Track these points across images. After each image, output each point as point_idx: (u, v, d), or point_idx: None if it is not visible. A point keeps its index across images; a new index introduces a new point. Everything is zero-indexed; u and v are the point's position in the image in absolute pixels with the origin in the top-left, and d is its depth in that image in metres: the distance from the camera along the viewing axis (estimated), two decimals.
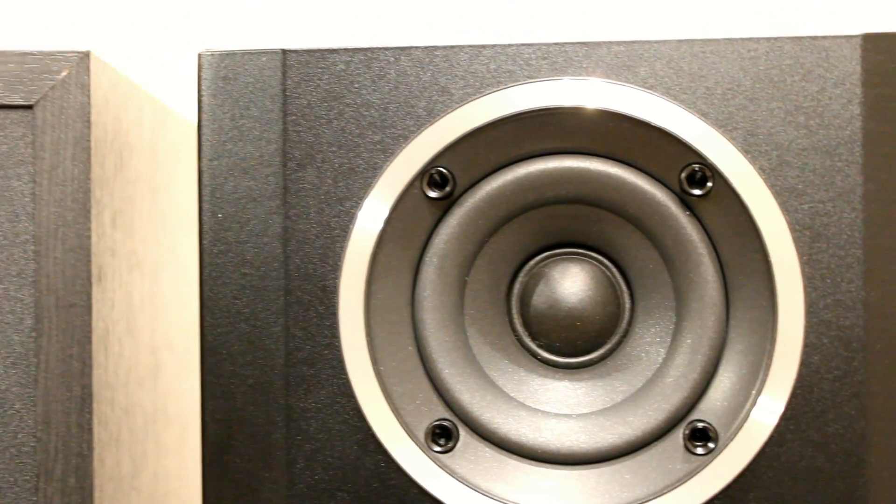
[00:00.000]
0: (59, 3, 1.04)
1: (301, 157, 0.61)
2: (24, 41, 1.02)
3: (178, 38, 1.04)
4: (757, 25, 1.00)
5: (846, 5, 1.01)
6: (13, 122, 0.63)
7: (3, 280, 0.63)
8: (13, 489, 0.63)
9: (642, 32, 1.00)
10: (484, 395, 0.62)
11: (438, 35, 1.00)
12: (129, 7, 1.04)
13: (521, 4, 1.01)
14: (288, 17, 1.03)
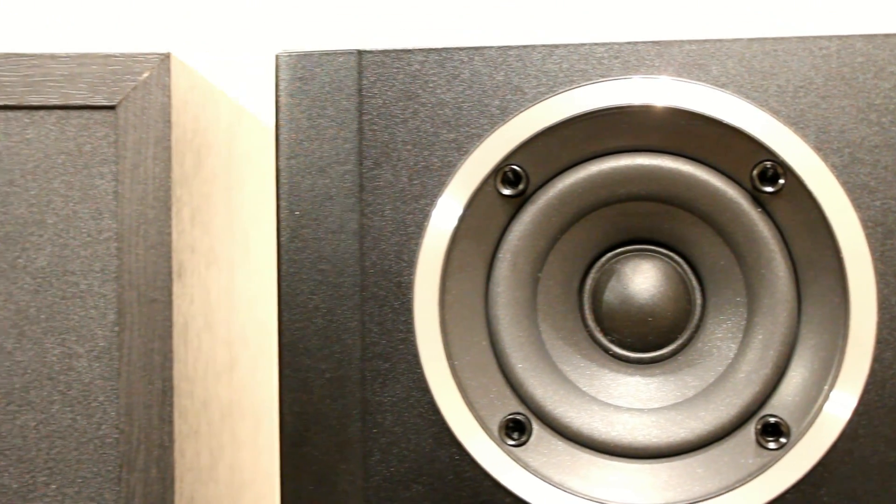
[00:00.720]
0: (139, 6, 1.06)
1: (377, 155, 0.63)
2: (107, 43, 1.04)
3: (251, 39, 1.06)
4: (829, 23, 1.00)
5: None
6: (96, 122, 0.64)
7: (87, 276, 0.64)
8: (97, 479, 0.65)
9: (714, 31, 1.01)
10: (557, 390, 0.63)
11: (512, 35, 1.01)
12: (204, 9, 1.06)
13: (593, 4, 1.02)
14: (361, 17, 1.05)
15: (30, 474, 0.64)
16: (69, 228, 0.64)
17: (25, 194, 0.64)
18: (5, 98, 0.64)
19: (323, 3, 1.05)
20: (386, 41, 1.03)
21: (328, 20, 1.05)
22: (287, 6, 1.06)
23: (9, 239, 0.64)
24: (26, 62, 0.64)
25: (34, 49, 0.65)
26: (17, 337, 0.64)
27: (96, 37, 1.05)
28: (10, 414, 0.64)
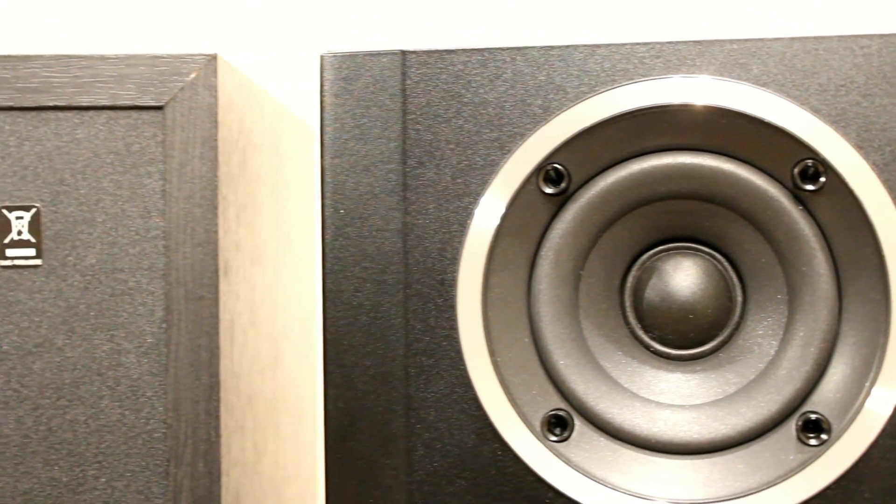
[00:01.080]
0: (184, 7, 1.07)
1: (420, 154, 0.63)
2: (153, 44, 1.06)
3: (293, 39, 1.07)
4: (871, 22, 1.00)
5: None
6: (145, 122, 0.66)
7: (136, 273, 0.65)
8: (145, 473, 0.66)
9: (755, 31, 1.01)
10: (598, 386, 0.63)
11: (554, 35, 1.01)
12: (246, 10, 1.07)
13: (634, 5, 1.02)
14: (404, 18, 1.06)
15: (80, 468, 0.66)
16: (118, 227, 0.65)
17: (75, 193, 0.65)
18: (56, 99, 0.65)
19: (363, 4, 1.06)
20: (426, 41, 1.04)
21: (368, 20, 1.06)
22: (326, 7, 1.07)
23: (59, 237, 0.65)
24: (76, 63, 0.65)
25: (84, 51, 0.66)
26: (67, 333, 0.65)
27: (142, 38, 1.07)
28: (61, 409, 0.65)
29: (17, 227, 0.65)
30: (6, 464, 0.65)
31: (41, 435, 0.65)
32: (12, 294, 0.65)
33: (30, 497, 0.65)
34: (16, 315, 0.65)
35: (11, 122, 0.66)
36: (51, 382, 0.65)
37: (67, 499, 0.65)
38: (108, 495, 0.66)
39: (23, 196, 0.65)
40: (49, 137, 0.66)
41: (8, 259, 0.65)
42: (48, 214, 0.65)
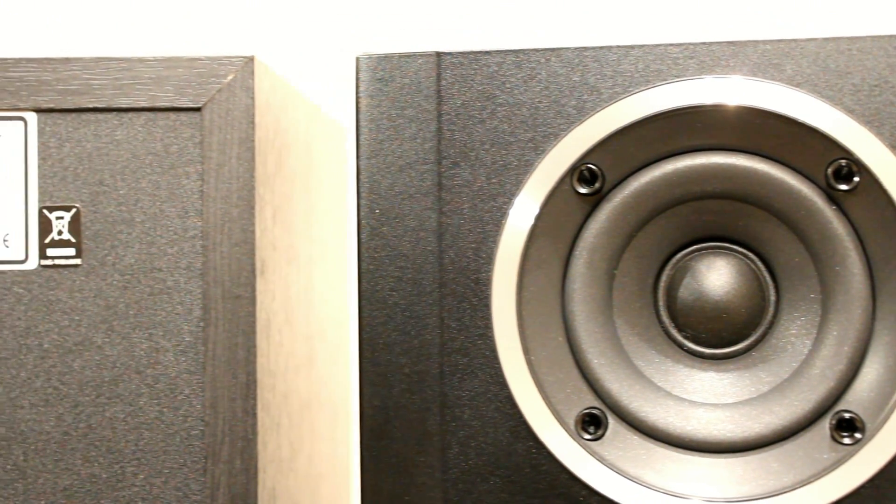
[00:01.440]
0: (217, 9, 1.08)
1: (455, 155, 0.64)
2: (191, 47, 1.07)
3: (325, 41, 1.07)
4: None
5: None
6: (183, 123, 0.66)
7: (174, 273, 0.66)
8: (182, 470, 0.66)
9: (788, 31, 1.01)
10: (632, 385, 0.64)
11: (587, 36, 1.02)
12: (277, 11, 1.08)
13: (668, 6, 1.02)
14: (436, 20, 1.06)
15: (118, 465, 0.66)
16: (156, 227, 0.66)
17: (114, 193, 0.66)
18: (95, 100, 0.66)
19: (391, 5, 1.07)
20: (461, 43, 1.04)
21: (400, 22, 1.06)
22: (356, 8, 1.07)
23: (98, 237, 0.66)
24: (116, 66, 0.66)
25: (123, 53, 0.67)
26: (106, 332, 0.66)
27: (180, 40, 1.08)
28: (100, 406, 0.66)
29: (57, 227, 0.66)
30: (46, 460, 0.66)
31: (81, 432, 0.66)
32: (52, 293, 0.66)
33: (70, 493, 0.66)
34: (56, 314, 0.66)
35: (52, 124, 0.66)
36: (90, 380, 0.66)
37: (106, 495, 0.66)
38: (147, 492, 0.66)
39: (63, 196, 0.66)
40: (89, 139, 0.66)
41: (48, 258, 0.66)
42: (88, 215, 0.66)
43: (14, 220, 0.67)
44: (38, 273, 0.66)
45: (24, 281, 0.66)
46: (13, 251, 0.67)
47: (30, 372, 0.66)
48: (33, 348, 0.66)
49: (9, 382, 0.66)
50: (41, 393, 0.66)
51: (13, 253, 0.67)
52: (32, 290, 0.66)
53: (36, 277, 0.66)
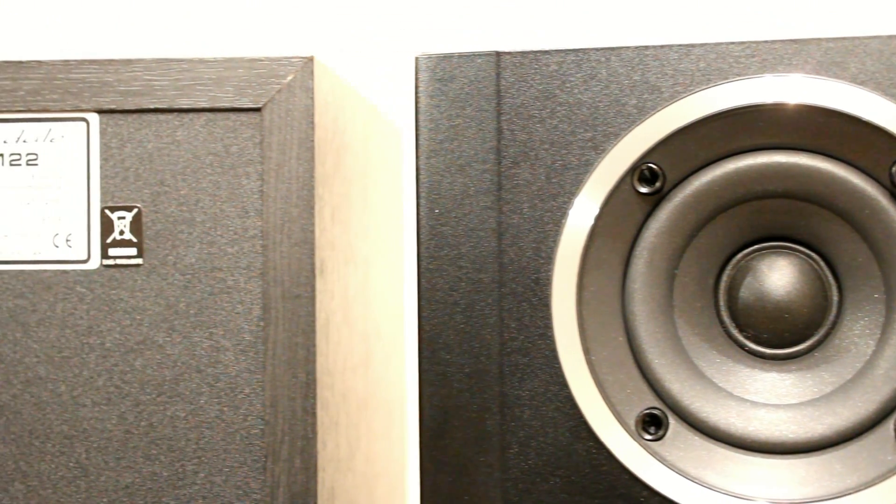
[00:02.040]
0: (275, 10, 1.09)
1: (515, 154, 0.64)
2: (250, 47, 1.07)
3: (380, 40, 1.08)
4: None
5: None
6: (243, 124, 0.67)
7: (234, 272, 0.67)
8: (242, 469, 0.67)
9: (852, 28, 1.00)
10: (693, 385, 0.64)
11: (647, 35, 1.01)
12: (333, 11, 1.08)
13: (729, 3, 1.02)
14: (491, 20, 1.06)
15: (179, 463, 0.67)
16: (217, 227, 0.67)
17: (175, 194, 0.67)
18: (156, 101, 0.67)
19: (445, 5, 1.07)
20: (517, 42, 1.04)
21: (453, 21, 1.07)
22: (408, 9, 1.07)
23: (159, 237, 0.67)
24: (176, 67, 0.67)
25: (184, 54, 0.67)
26: (167, 331, 0.67)
27: (239, 41, 1.08)
28: (161, 405, 0.67)
29: (119, 227, 0.67)
30: (108, 458, 0.67)
31: (142, 430, 0.67)
32: (114, 292, 0.67)
33: (131, 491, 0.67)
34: (118, 313, 0.67)
35: (114, 125, 0.67)
36: (151, 379, 0.67)
37: (168, 493, 0.67)
38: (207, 490, 0.67)
39: (125, 197, 0.67)
40: (150, 139, 0.67)
41: (110, 258, 0.67)
42: (149, 214, 0.67)
43: (76, 221, 0.67)
44: (100, 273, 0.67)
45: (87, 280, 0.67)
46: (75, 251, 0.67)
47: (92, 371, 0.67)
48: (95, 347, 0.67)
49: (71, 381, 0.67)
50: (103, 391, 0.67)
51: (75, 253, 0.67)
52: (94, 290, 0.67)
53: (98, 277, 0.67)
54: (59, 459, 0.67)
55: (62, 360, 0.67)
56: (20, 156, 0.68)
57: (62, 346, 0.67)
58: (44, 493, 0.67)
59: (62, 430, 0.67)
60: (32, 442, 0.67)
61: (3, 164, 0.68)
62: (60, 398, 0.67)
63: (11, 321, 0.67)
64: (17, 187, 0.68)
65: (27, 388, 0.67)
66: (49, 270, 0.67)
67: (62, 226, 0.67)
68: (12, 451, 0.67)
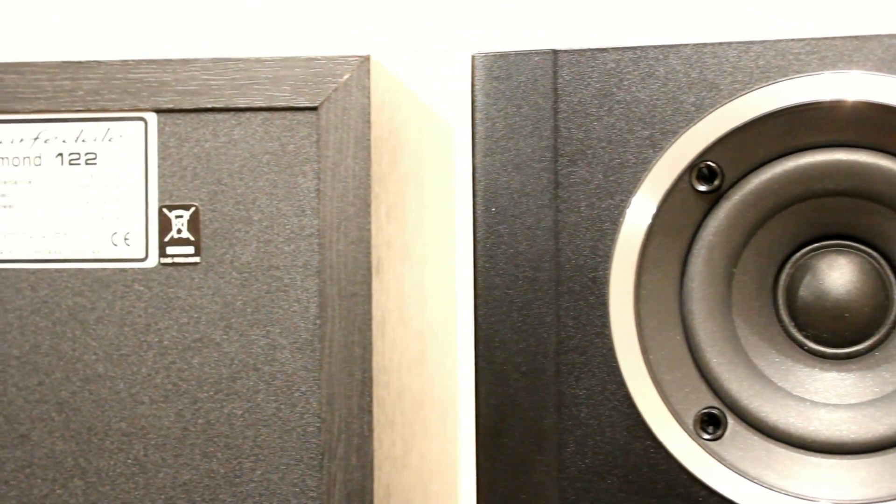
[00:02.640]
0: (330, 9, 1.09)
1: (572, 153, 0.64)
2: (305, 46, 1.08)
3: (433, 40, 1.08)
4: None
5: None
6: (299, 122, 0.67)
7: (291, 271, 0.67)
8: (299, 466, 0.67)
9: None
10: (752, 385, 0.63)
11: (705, 32, 1.01)
12: (385, 9, 1.09)
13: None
14: (541, 19, 1.06)
15: (237, 460, 0.67)
16: (273, 225, 0.67)
17: (232, 192, 0.67)
18: (214, 101, 0.67)
19: (498, 4, 1.07)
20: (568, 40, 1.04)
21: (504, 20, 1.06)
22: (460, 8, 1.07)
23: (217, 235, 0.67)
24: (234, 66, 0.67)
25: (241, 54, 0.68)
26: (224, 329, 0.67)
27: (294, 40, 1.09)
28: (219, 402, 0.67)
29: (176, 226, 0.67)
30: (166, 455, 0.67)
31: (200, 428, 0.67)
32: (172, 291, 0.67)
33: (189, 488, 0.67)
34: (175, 311, 0.67)
35: (171, 124, 0.68)
36: (209, 377, 0.67)
37: (225, 490, 0.67)
38: (264, 487, 0.67)
39: (182, 195, 0.67)
40: (207, 138, 0.67)
41: (168, 256, 0.67)
42: (206, 213, 0.67)
43: (134, 220, 0.68)
44: (158, 271, 0.68)
45: (145, 279, 0.68)
46: (134, 249, 0.68)
47: (150, 368, 0.68)
48: (153, 345, 0.68)
49: (129, 378, 0.68)
50: (161, 389, 0.67)
51: (134, 251, 0.68)
52: (152, 288, 0.68)
53: (156, 275, 0.68)
54: (118, 456, 0.68)
55: (120, 358, 0.68)
56: (79, 155, 0.68)
57: (120, 343, 0.68)
58: (102, 489, 0.68)
59: (120, 427, 0.68)
60: (91, 439, 0.68)
61: (63, 163, 0.68)
62: (119, 395, 0.68)
63: (71, 319, 0.68)
64: (77, 186, 0.68)
65: (86, 386, 0.68)
66: (108, 269, 0.68)
67: (121, 225, 0.68)
68: (72, 447, 0.68)
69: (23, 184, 0.68)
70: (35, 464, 0.68)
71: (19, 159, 0.68)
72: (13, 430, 0.68)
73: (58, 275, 0.68)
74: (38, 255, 0.68)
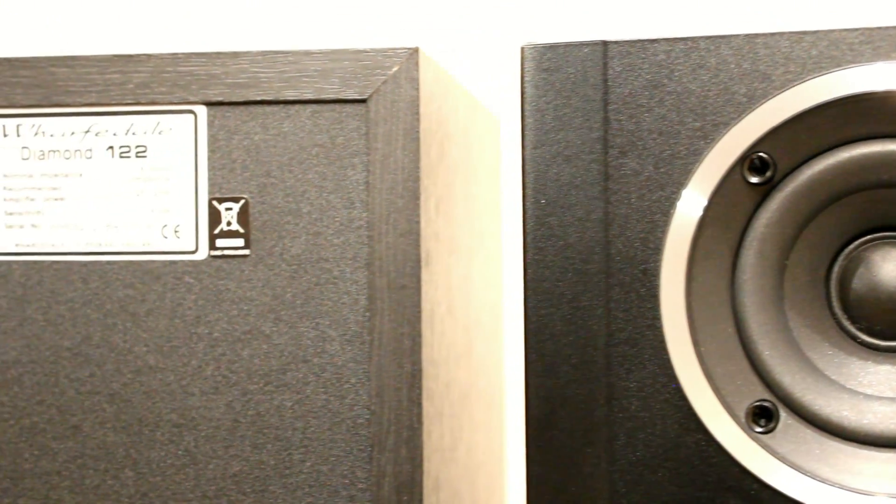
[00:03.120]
0: (381, 1, 1.09)
1: (622, 144, 0.63)
2: (353, 39, 1.08)
3: (478, 32, 1.07)
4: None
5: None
6: (348, 115, 0.67)
7: (340, 263, 0.67)
8: (349, 458, 0.67)
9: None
10: (804, 377, 0.63)
11: (757, 22, 1.00)
12: (428, 1, 1.09)
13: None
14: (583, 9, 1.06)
15: (286, 452, 0.67)
16: (322, 217, 0.67)
17: (282, 185, 0.67)
18: (263, 93, 0.67)
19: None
20: (603, 31, 1.03)
21: (540, 11, 1.06)
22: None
23: (266, 228, 0.67)
24: (282, 59, 0.67)
25: (290, 46, 0.68)
26: (273, 321, 0.67)
27: (342, 33, 1.09)
28: (268, 394, 0.67)
29: (226, 219, 0.68)
30: (216, 447, 0.68)
31: (249, 419, 0.68)
32: (222, 283, 0.68)
33: (239, 479, 0.68)
34: (225, 303, 0.68)
35: (221, 117, 0.68)
36: (259, 369, 0.68)
37: (274, 482, 0.68)
38: (314, 479, 0.67)
39: (232, 188, 0.68)
40: (256, 131, 0.68)
41: (218, 249, 0.68)
42: (256, 206, 0.67)
43: (184, 212, 0.68)
44: (208, 263, 0.68)
45: (195, 271, 0.68)
46: (184, 242, 0.68)
47: (200, 360, 0.68)
48: (203, 337, 0.68)
49: (180, 370, 0.68)
50: (211, 381, 0.68)
51: (184, 244, 0.68)
52: (202, 280, 0.68)
53: (206, 267, 0.68)
54: (168, 448, 0.68)
55: (171, 350, 0.68)
56: (129, 148, 0.69)
57: (171, 335, 0.68)
58: (153, 480, 0.68)
59: (171, 419, 0.68)
60: (142, 430, 0.68)
61: (114, 156, 0.69)
62: (169, 387, 0.68)
63: (121, 311, 0.68)
64: (127, 179, 0.69)
65: (137, 377, 0.68)
66: (158, 261, 0.68)
67: (171, 217, 0.68)
68: (122, 439, 0.68)
69: (74, 177, 0.69)
70: (87, 455, 0.69)
71: (70, 152, 0.69)
72: (65, 421, 0.69)
73: (109, 267, 0.69)
74: (90, 248, 0.69)
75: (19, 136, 0.69)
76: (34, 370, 0.69)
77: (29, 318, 0.69)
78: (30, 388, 0.69)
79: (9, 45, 1.12)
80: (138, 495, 0.68)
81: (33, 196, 0.69)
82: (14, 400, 0.69)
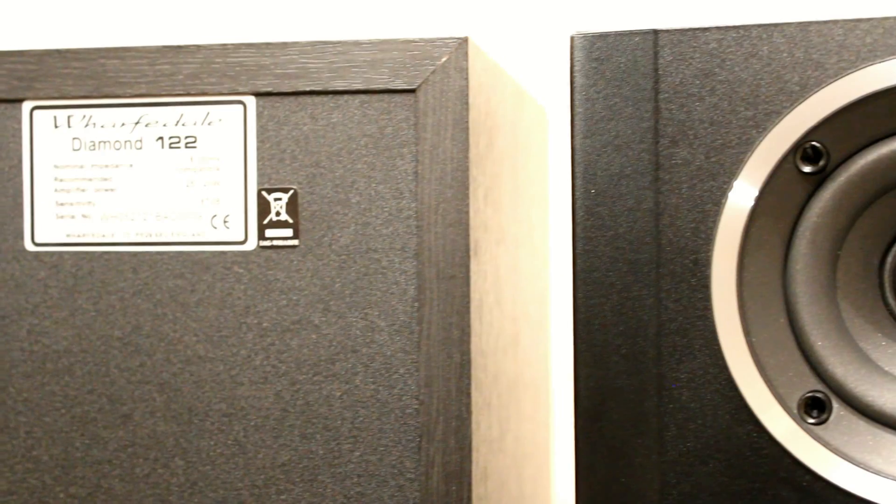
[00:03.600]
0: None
1: (673, 133, 0.63)
2: (402, 28, 1.08)
3: (525, 22, 1.07)
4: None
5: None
6: (397, 105, 0.67)
7: (389, 253, 0.67)
8: (397, 447, 0.67)
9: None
10: (858, 368, 0.62)
11: (810, 10, 0.99)
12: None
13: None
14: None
15: (335, 441, 0.68)
16: (371, 207, 0.67)
17: (331, 175, 0.67)
18: (312, 84, 0.67)
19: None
20: (660, 20, 1.03)
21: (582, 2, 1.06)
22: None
23: (315, 218, 0.68)
24: (331, 49, 0.67)
25: (339, 37, 0.68)
26: (322, 311, 0.68)
27: (391, 22, 1.09)
28: (317, 384, 0.68)
29: (275, 209, 0.68)
30: (266, 436, 0.68)
31: (298, 409, 0.68)
32: (271, 273, 0.68)
33: (288, 469, 0.68)
34: (274, 293, 0.68)
35: (270, 107, 0.68)
36: (308, 358, 0.68)
37: (323, 471, 0.68)
38: (363, 468, 0.67)
39: (281, 178, 0.68)
40: (305, 121, 0.68)
41: (267, 239, 0.68)
42: (305, 196, 0.68)
43: (234, 202, 0.68)
44: (257, 253, 0.68)
45: (244, 261, 0.68)
46: (233, 232, 0.68)
47: (249, 350, 0.68)
48: (252, 327, 0.68)
49: (229, 360, 0.68)
50: (260, 371, 0.68)
51: (233, 234, 0.68)
52: (252, 271, 0.68)
53: (255, 258, 0.68)
54: (218, 437, 0.69)
55: (220, 340, 0.68)
56: (179, 139, 0.69)
57: (220, 325, 0.68)
58: (203, 469, 0.69)
59: (220, 408, 0.68)
60: (192, 419, 0.69)
61: (163, 146, 0.69)
62: (219, 377, 0.68)
63: (171, 301, 0.69)
64: (177, 170, 0.69)
65: (187, 367, 0.69)
66: (207, 251, 0.69)
67: (220, 207, 0.68)
68: (173, 428, 0.69)
69: (124, 167, 0.69)
70: (137, 443, 0.69)
71: (121, 143, 0.69)
72: (116, 410, 0.69)
73: (159, 257, 0.69)
74: (140, 238, 0.69)
75: (70, 127, 0.70)
76: (85, 360, 0.70)
77: (79, 309, 0.70)
78: (80, 377, 0.70)
79: (60, 36, 1.13)
80: (188, 484, 0.69)
81: (84, 187, 0.70)
82: (65, 389, 0.70)
